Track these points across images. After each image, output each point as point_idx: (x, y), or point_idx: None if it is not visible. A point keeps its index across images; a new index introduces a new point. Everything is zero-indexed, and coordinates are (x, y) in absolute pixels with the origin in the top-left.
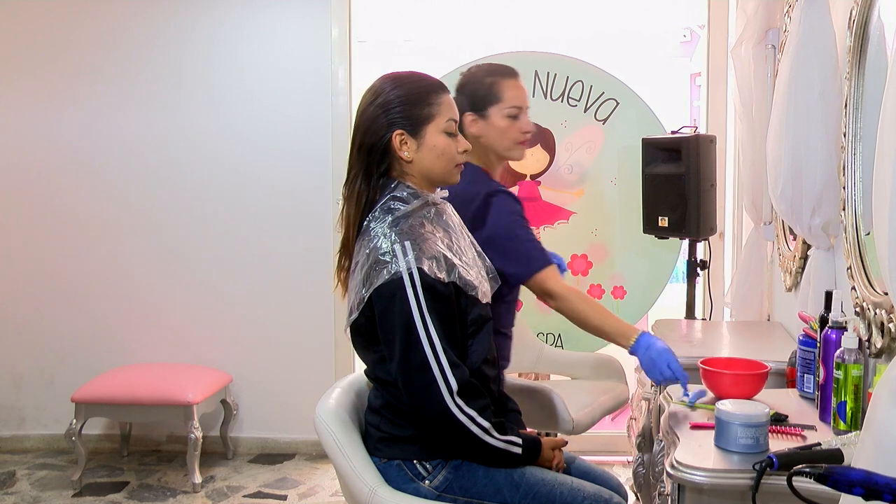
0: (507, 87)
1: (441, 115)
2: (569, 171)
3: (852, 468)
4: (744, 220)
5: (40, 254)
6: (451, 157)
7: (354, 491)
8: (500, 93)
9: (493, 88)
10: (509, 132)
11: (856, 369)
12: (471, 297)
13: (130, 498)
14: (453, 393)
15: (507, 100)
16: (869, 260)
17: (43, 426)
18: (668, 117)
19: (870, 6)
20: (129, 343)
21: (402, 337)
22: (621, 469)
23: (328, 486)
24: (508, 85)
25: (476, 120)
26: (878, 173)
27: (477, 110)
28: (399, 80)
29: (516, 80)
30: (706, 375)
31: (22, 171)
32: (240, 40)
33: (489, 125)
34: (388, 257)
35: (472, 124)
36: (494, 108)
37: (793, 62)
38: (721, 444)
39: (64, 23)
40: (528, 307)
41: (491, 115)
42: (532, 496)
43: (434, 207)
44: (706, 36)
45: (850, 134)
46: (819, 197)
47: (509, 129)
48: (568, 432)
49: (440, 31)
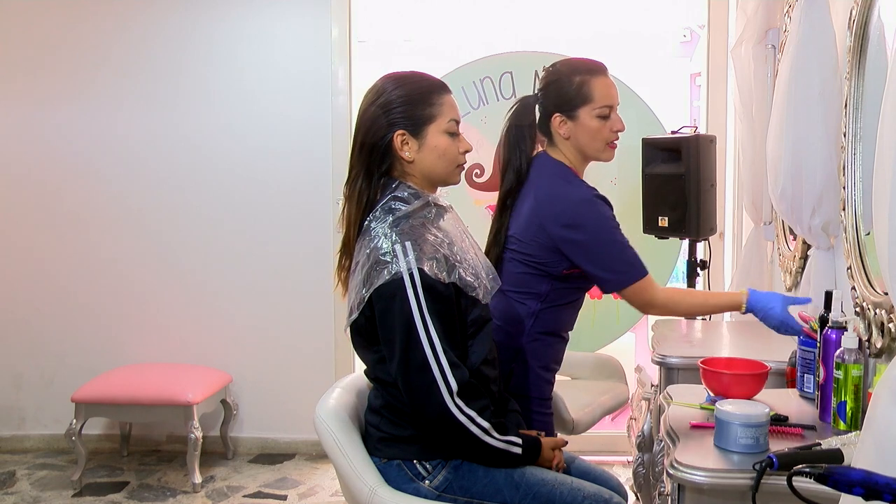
0: (596, 86)
1: (443, 116)
2: None
3: (852, 468)
4: (744, 220)
5: (40, 254)
6: (453, 157)
7: (354, 491)
8: (590, 92)
9: (583, 88)
10: (601, 133)
11: (856, 369)
12: (471, 297)
13: (130, 498)
14: (453, 393)
15: (597, 99)
16: (869, 260)
17: (43, 426)
18: (668, 117)
19: (870, 6)
20: (129, 343)
21: (402, 337)
22: (621, 469)
23: (328, 486)
24: (598, 83)
25: (565, 121)
26: (878, 173)
27: (565, 111)
28: (401, 79)
29: (605, 77)
30: (706, 375)
31: (22, 171)
32: (240, 40)
33: (579, 126)
34: (388, 257)
35: (560, 126)
36: (584, 109)
37: (793, 62)
38: (721, 444)
39: (63, 23)
40: None
41: (581, 115)
42: (532, 496)
43: (435, 208)
44: (706, 36)
45: (850, 134)
46: (819, 197)
47: (601, 130)
48: (568, 432)
49: (440, 31)
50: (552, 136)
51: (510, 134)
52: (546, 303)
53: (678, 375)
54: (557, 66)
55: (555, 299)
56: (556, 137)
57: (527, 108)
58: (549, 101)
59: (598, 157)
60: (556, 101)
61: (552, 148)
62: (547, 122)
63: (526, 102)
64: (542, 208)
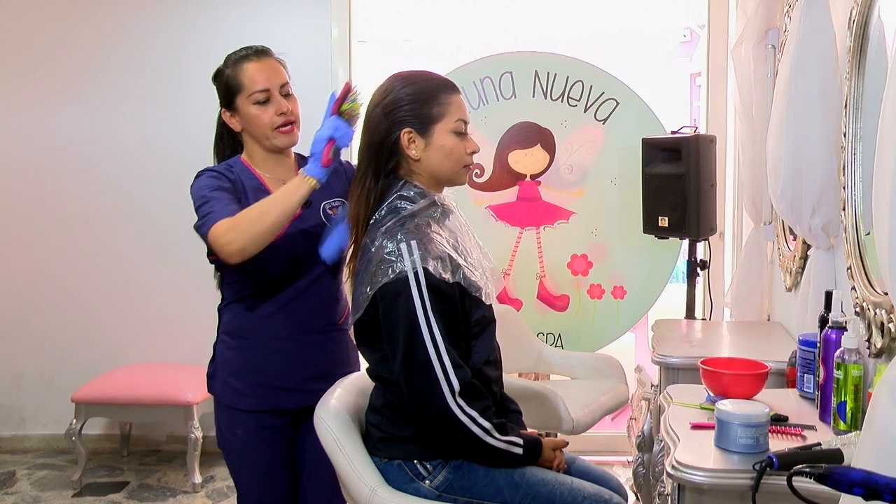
0: (246, 72)
1: (450, 115)
2: (569, 171)
3: (852, 468)
4: (744, 220)
5: (40, 254)
6: (459, 157)
7: (354, 491)
8: (242, 80)
9: (238, 78)
10: (261, 119)
11: (856, 369)
12: (474, 298)
13: (130, 498)
14: (455, 393)
15: (248, 84)
16: (869, 260)
17: (43, 426)
18: (668, 117)
19: (870, 6)
20: (129, 343)
21: (405, 336)
22: (621, 469)
23: None
24: (249, 68)
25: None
26: (878, 173)
27: (226, 105)
28: (409, 78)
29: (257, 62)
30: (706, 375)
31: (22, 171)
32: (240, 41)
33: (244, 119)
34: (393, 256)
35: (230, 119)
36: (240, 97)
37: (793, 62)
38: (721, 444)
39: (63, 23)
40: (528, 307)
41: (240, 105)
42: (532, 496)
43: (441, 207)
44: (706, 36)
45: (850, 134)
46: (819, 197)
47: (261, 117)
48: (568, 432)
49: (440, 31)
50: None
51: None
52: (224, 300)
53: (678, 375)
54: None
55: (229, 297)
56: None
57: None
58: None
59: (272, 144)
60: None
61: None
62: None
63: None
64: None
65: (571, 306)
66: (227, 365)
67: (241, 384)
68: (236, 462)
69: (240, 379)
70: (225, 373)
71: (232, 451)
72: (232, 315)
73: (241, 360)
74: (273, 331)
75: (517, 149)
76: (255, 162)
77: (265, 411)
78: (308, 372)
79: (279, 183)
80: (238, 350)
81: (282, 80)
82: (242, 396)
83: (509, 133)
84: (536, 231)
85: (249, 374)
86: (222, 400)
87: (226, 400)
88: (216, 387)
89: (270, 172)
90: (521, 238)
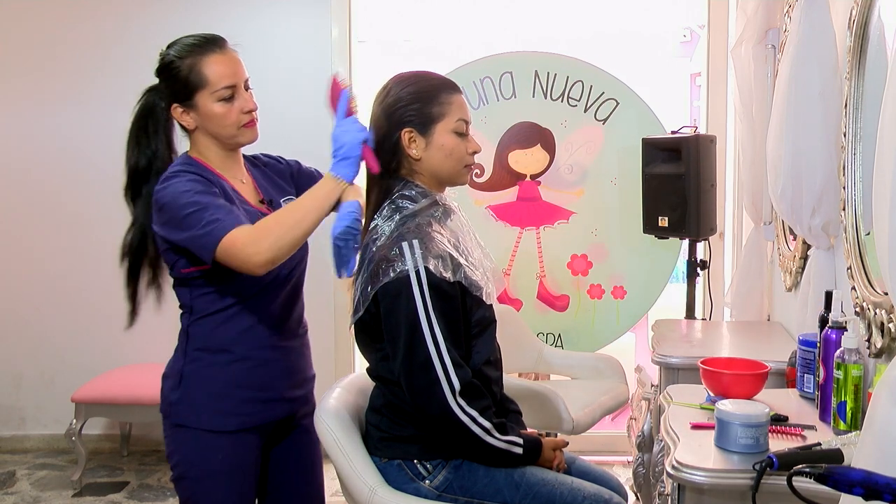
0: (209, 66)
1: (451, 115)
2: (569, 171)
3: (852, 468)
4: (744, 220)
5: (40, 254)
6: (460, 157)
7: (354, 491)
8: (203, 74)
9: (194, 70)
10: (228, 117)
11: (856, 369)
12: (476, 297)
13: (130, 498)
14: (455, 393)
15: (214, 81)
16: (869, 260)
17: (43, 426)
18: (668, 117)
19: (870, 6)
20: (129, 343)
21: (406, 335)
22: (621, 469)
23: (328, 486)
24: (210, 62)
25: (186, 112)
26: (878, 173)
27: (182, 100)
28: (410, 78)
29: (220, 54)
30: (706, 375)
31: (22, 171)
32: (240, 40)
33: (202, 115)
34: (394, 256)
35: (182, 117)
36: (202, 94)
37: (793, 62)
38: (721, 444)
39: (63, 22)
40: (528, 307)
41: (200, 102)
42: (532, 496)
43: (442, 207)
44: (706, 36)
45: (850, 134)
46: (819, 197)
47: (228, 115)
48: (568, 432)
49: (440, 31)
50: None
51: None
52: (195, 314)
53: (678, 375)
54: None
55: (201, 311)
56: (188, 131)
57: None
58: (166, 91)
59: (236, 142)
60: (172, 90)
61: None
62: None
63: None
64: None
65: (571, 306)
66: (207, 385)
67: (225, 403)
68: (211, 490)
69: (224, 398)
70: (201, 394)
71: (205, 479)
72: (208, 329)
73: (223, 377)
74: (259, 340)
75: (517, 149)
76: (212, 161)
77: (248, 430)
78: (290, 380)
79: (240, 183)
80: (220, 366)
81: (245, 74)
82: (227, 416)
83: (509, 133)
84: (536, 231)
85: (236, 389)
86: (197, 425)
87: (204, 424)
88: (185, 412)
89: (229, 172)
90: (521, 238)
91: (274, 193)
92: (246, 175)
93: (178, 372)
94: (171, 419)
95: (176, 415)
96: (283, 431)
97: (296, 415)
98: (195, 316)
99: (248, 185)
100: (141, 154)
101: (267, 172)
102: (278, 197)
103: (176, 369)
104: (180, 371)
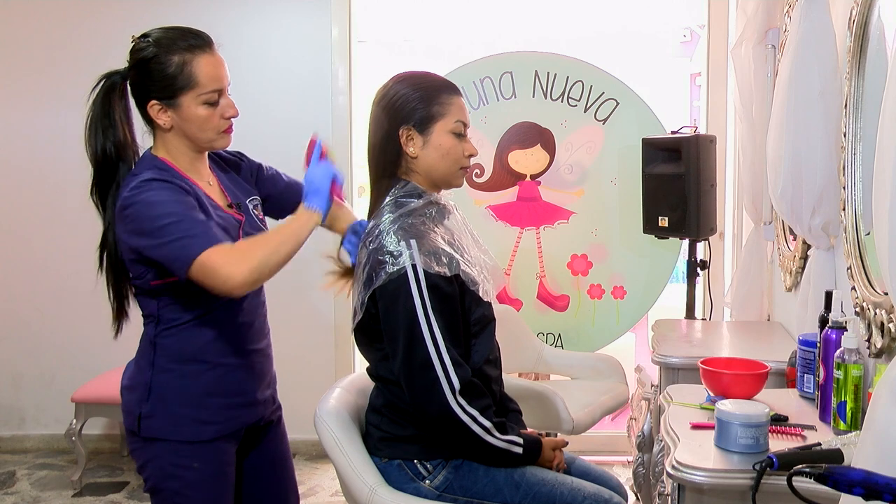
0: (200, 67)
1: (450, 116)
2: (569, 171)
3: (852, 468)
4: (744, 220)
5: (40, 253)
6: (456, 158)
7: (354, 491)
8: (193, 75)
9: (185, 70)
10: (210, 121)
11: (856, 369)
12: (475, 295)
13: (130, 498)
14: (455, 392)
15: (203, 83)
16: (869, 260)
17: (43, 426)
18: (668, 117)
19: (870, 6)
20: (129, 343)
21: (405, 335)
22: (621, 469)
23: (328, 486)
24: (202, 63)
25: (164, 109)
26: (878, 173)
27: (163, 98)
28: (410, 78)
29: (211, 55)
30: (706, 375)
31: (22, 171)
32: (240, 41)
33: (182, 115)
34: (392, 255)
35: (160, 115)
36: (188, 96)
37: (793, 62)
38: (721, 444)
39: (64, 23)
40: (528, 307)
41: (183, 103)
42: (532, 496)
43: (437, 206)
44: (706, 36)
45: (850, 134)
46: (819, 197)
47: (210, 119)
48: (568, 432)
49: (440, 31)
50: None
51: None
52: (162, 325)
53: (678, 375)
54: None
55: (169, 321)
56: (158, 129)
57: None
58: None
59: (211, 146)
60: (152, 86)
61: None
62: (143, 110)
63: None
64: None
65: (571, 306)
66: (181, 396)
67: (203, 412)
68: (191, 499)
69: (201, 407)
70: (175, 405)
71: (185, 490)
72: (178, 340)
73: (197, 387)
74: (230, 347)
75: (517, 149)
76: (179, 163)
77: (225, 436)
78: (262, 382)
79: (207, 185)
80: (193, 376)
81: (229, 78)
82: (205, 425)
83: (509, 133)
84: (536, 231)
85: (212, 397)
86: (175, 437)
87: (180, 436)
88: (159, 425)
89: (197, 174)
90: (521, 238)
91: (240, 196)
92: (211, 176)
93: (144, 384)
94: (142, 434)
95: (148, 429)
96: (254, 433)
97: (265, 415)
98: (163, 326)
99: (214, 186)
100: (106, 140)
101: (231, 174)
102: (244, 199)
103: (142, 381)
104: (147, 383)
